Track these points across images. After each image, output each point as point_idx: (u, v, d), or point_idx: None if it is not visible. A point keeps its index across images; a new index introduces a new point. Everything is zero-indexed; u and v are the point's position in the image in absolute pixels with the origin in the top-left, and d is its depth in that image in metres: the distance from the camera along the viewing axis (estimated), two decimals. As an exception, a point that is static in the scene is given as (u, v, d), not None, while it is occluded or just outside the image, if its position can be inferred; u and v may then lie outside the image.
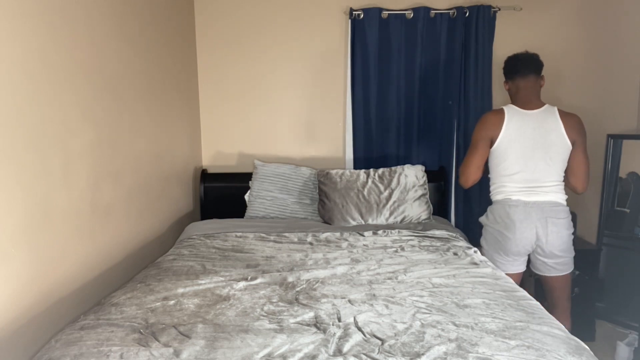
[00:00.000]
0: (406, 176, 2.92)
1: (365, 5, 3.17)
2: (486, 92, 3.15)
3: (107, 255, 2.07)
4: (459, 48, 3.11)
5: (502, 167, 2.23)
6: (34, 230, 1.58)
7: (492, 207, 2.31)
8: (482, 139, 2.23)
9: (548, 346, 1.32)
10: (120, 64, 2.18)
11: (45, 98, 1.64)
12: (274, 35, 3.25)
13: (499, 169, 2.25)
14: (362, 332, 1.42)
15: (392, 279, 1.87)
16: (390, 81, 3.18)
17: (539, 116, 2.19)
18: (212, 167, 3.38)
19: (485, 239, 2.33)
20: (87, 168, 1.90)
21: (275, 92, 3.31)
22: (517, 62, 2.27)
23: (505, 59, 2.35)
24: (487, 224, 2.31)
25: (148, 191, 2.50)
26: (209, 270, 1.98)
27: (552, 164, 2.16)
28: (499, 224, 2.23)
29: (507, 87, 2.34)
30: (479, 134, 2.25)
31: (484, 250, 2.34)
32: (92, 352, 1.30)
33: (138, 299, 1.66)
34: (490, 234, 2.29)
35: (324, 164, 3.29)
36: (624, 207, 2.60)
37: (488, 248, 2.30)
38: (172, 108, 2.83)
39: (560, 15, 3.17)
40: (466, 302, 1.62)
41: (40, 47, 1.62)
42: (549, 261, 2.19)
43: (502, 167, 2.23)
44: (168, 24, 2.78)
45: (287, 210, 3.00)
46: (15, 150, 1.49)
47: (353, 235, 2.53)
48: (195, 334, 1.40)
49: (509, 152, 2.19)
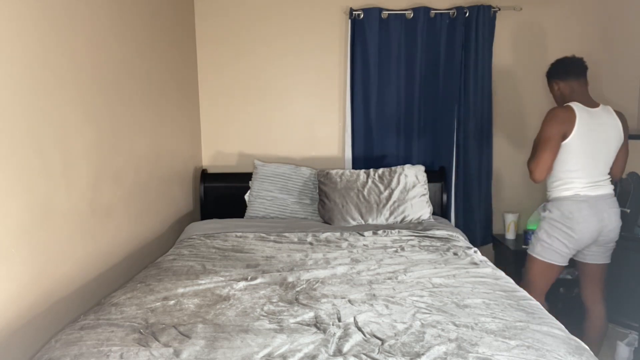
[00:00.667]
0: (406, 176, 2.92)
1: (365, 5, 3.17)
2: (486, 92, 3.15)
3: (107, 255, 2.07)
4: (459, 48, 3.11)
5: (572, 163, 2.27)
6: (34, 230, 1.58)
7: (559, 202, 2.31)
8: (556, 135, 2.24)
9: (548, 346, 1.32)
10: (120, 65, 2.18)
11: (46, 98, 1.64)
12: (273, 36, 3.25)
13: (568, 164, 2.28)
14: (362, 332, 1.42)
15: (392, 279, 1.87)
16: (390, 81, 3.18)
17: (601, 114, 2.29)
18: (212, 167, 3.38)
19: (548, 234, 2.32)
20: (87, 168, 1.90)
21: (275, 92, 3.31)
22: (570, 65, 2.37)
23: (555, 62, 2.42)
24: (555, 219, 2.30)
25: (148, 191, 2.50)
26: (209, 270, 1.98)
27: (610, 158, 2.32)
28: (569, 219, 2.26)
29: (557, 88, 2.39)
30: (554, 129, 2.24)
31: (542, 244, 2.34)
32: (92, 352, 1.30)
33: (138, 299, 1.66)
34: (557, 229, 2.29)
35: (324, 164, 3.29)
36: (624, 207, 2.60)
37: (551, 242, 2.31)
38: (172, 108, 2.83)
39: (560, 15, 3.17)
40: (466, 302, 1.62)
41: (41, 48, 1.62)
42: (602, 249, 2.35)
43: (571, 163, 2.27)
44: (168, 24, 2.78)
45: (287, 210, 3.00)
46: (15, 150, 1.49)
47: (353, 235, 2.53)
48: (195, 334, 1.40)
49: (579, 148, 2.26)
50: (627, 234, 2.50)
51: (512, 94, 3.26)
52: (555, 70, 2.41)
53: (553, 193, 2.36)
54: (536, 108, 3.19)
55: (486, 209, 3.27)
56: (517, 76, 3.25)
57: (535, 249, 2.38)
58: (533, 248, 2.39)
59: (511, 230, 3.17)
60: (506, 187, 3.35)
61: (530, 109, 3.22)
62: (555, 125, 2.24)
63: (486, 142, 3.20)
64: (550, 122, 2.26)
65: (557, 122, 2.24)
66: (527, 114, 3.25)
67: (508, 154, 3.30)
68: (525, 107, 3.24)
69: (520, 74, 3.24)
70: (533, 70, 3.22)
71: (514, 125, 3.28)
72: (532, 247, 2.40)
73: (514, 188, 3.34)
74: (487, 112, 3.17)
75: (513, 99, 3.26)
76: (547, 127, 2.26)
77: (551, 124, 2.26)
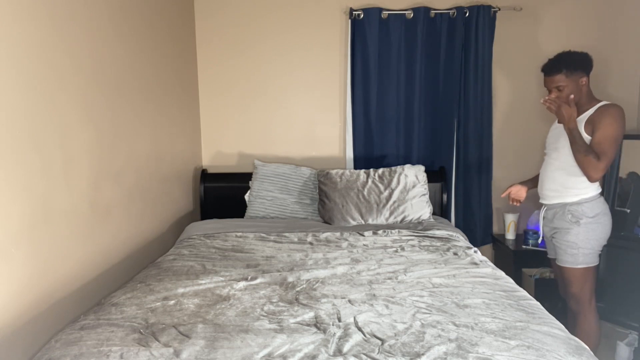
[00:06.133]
0: (406, 176, 2.92)
1: (365, 5, 3.17)
2: (486, 92, 3.15)
3: (107, 255, 2.07)
4: (459, 48, 3.10)
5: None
6: (34, 230, 1.58)
7: (594, 202, 2.19)
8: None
9: (548, 346, 1.32)
10: (121, 65, 2.18)
11: (46, 98, 1.64)
12: (273, 35, 3.25)
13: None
14: (362, 332, 1.42)
15: (392, 279, 1.87)
16: (390, 81, 3.18)
17: None
18: (212, 167, 3.38)
19: (595, 231, 2.19)
20: (87, 168, 1.90)
21: (275, 92, 3.31)
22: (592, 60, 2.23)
23: (587, 56, 2.22)
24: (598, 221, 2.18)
25: (148, 191, 2.50)
26: (209, 270, 1.98)
27: None
28: (606, 215, 2.20)
29: (585, 83, 2.20)
30: (623, 129, 2.12)
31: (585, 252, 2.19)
32: (92, 352, 1.30)
33: (138, 299, 1.66)
34: (603, 226, 2.19)
35: (324, 164, 3.29)
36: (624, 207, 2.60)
37: (597, 240, 2.20)
38: (172, 108, 2.83)
39: (560, 15, 3.17)
40: (466, 302, 1.62)
41: (42, 48, 1.62)
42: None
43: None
44: (169, 24, 2.78)
45: (287, 210, 3.00)
46: (15, 150, 1.49)
47: (353, 235, 2.53)
48: (195, 334, 1.40)
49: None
50: (627, 234, 2.50)
51: (512, 94, 3.26)
52: (589, 63, 2.20)
53: (587, 192, 2.19)
54: (536, 108, 3.19)
55: (486, 209, 3.27)
56: (517, 76, 3.25)
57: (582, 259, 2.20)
58: (576, 260, 2.20)
59: (511, 230, 3.17)
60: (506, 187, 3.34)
61: (531, 108, 3.22)
62: (623, 125, 2.13)
63: (486, 142, 3.19)
64: (621, 121, 2.11)
65: (624, 126, 2.13)
66: (528, 113, 3.24)
67: (508, 154, 3.30)
68: (526, 107, 3.24)
69: (520, 74, 3.24)
70: (533, 70, 3.21)
71: (514, 125, 3.28)
72: (574, 258, 2.21)
73: (514, 188, 3.33)
74: (487, 112, 3.17)
75: (513, 99, 3.26)
76: (619, 126, 2.10)
77: (622, 123, 2.12)
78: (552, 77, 2.20)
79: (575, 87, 2.17)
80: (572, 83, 2.17)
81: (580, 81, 2.17)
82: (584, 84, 2.18)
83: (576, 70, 2.16)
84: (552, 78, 2.19)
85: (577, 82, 2.17)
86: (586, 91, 2.20)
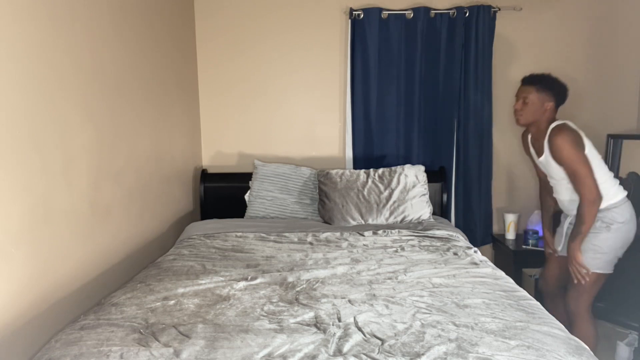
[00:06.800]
0: (406, 176, 2.92)
1: (365, 5, 3.17)
2: (486, 92, 3.15)
3: (107, 255, 2.07)
4: (459, 48, 3.11)
5: (605, 167, 2.25)
6: (34, 230, 1.58)
7: (622, 207, 2.20)
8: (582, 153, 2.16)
9: (548, 346, 1.32)
10: (121, 64, 2.18)
11: (46, 98, 1.64)
12: (273, 36, 3.25)
13: (604, 168, 2.24)
14: (362, 332, 1.42)
15: (392, 279, 1.87)
16: (390, 81, 3.18)
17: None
18: (212, 167, 3.38)
19: (618, 238, 2.19)
20: (87, 168, 1.90)
21: (275, 92, 3.31)
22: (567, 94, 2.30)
23: (564, 88, 2.28)
24: (624, 222, 2.19)
25: (148, 191, 2.50)
26: (209, 270, 1.98)
27: None
28: (634, 222, 2.20)
29: (548, 108, 2.26)
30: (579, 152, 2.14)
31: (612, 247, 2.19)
32: (92, 352, 1.30)
33: (138, 299, 1.66)
34: (629, 232, 2.20)
35: (324, 164, 3.29)
36: (624, 207, 2.60)
37: (622, 247, 2.20)
38: (172, 108, 2.83)
39: (560, 15, 3.17)
40: (466, 302, 1.62)
41: (42, 48, 1.62)
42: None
43: (605, 168, 2.25)
44: (169, 24, 2.78)
45: (287, 210, 3.00)
46: (15, 150, 1.49)
47: (353, 235, 2.53)
48: (195, 334, 1.40)
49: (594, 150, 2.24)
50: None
51: (512, 94, 3.25)
52: (562, 94, 2.28)
53: (614, 197, 2.20)
54: (536, 108, 3.19)
55: (486, 209, 3.27)
56: (517, 76, 3.24)
57: (602, 264, 2.20)
58: (596, 264, 2.19)
59: (511, 230, 3.18)
60: (506, 187, 3.35)
61: (530, 109, 3.21)
62: (572, 138, 2.15)
63: (486, 142, 3.20)
64: (568, 138, 2.14)
65: (575, 143, 2.15)
66: (527, 114, 3.24)
67: (508, 153, 3.30)
68: (525, 107, 3.24)
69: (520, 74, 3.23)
70: (533, 71, 3.20)
71: (514, 125, 3.26)
72: (594, 262, 2.19)
73: (514, 188, 3.34)
74: (487, 112, 3.17)
75: (513, 99, 3.24)
76: (570, 145, 2.13)
77: (569, 139, 2.14)
78: (524, 87, 2.33)
79: (540, 106, 2.26)
80: (538, 101, 2.26)
81: (546, 104, 2.26)
82: (547, 109, 2.26)
83: (547, 91, 2.26)
84: (524, 87, 2.32)
85: (543, 103, 2.26)
86: (549, 116, 2.28)
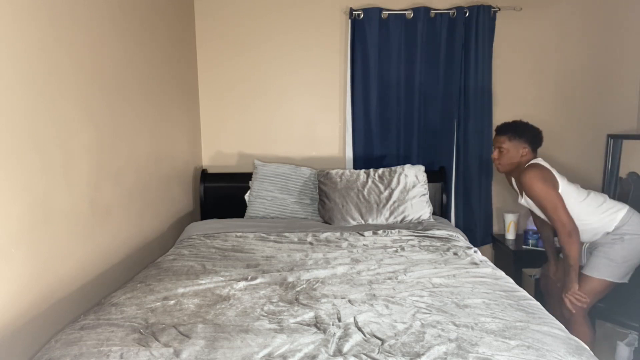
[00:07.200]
0: (406, 176, 2.92)
1: (365, 5, 3.17)
2: (486, 92, 3.15)
3: (107, 255, 2.07)
4: (459, 48, 3.11)
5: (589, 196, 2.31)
6: (34, 230, 1.58)
7: (634, 216, 2.24)
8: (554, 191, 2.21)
9: (548, 346, 1.32)
10: (121, 64, 2.19)
11: (46, 98, 1.64)
12: (273, 36, 3.25)
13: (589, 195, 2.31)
14: (362, 332, 1.42)
15: (392, 279, 1.87)
16: (390, 81, 3.18)
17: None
18: (212, 167, 3.38)
19: (633, 249, 2.22)
20: (87, 168, 1.90)
21: (275, 92, 3.31)
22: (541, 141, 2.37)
23: (538, 133, 2.35)
24: (637, 234, 2.22)
25: (148, 191, 2.50)
26: (209, 270, 1.98)
27: None
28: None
29: (524, 154, 2.32)
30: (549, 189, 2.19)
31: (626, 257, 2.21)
32: (92, 352, 1.30)
33: (138, 299, 1.66)
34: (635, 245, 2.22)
35: (324, 164, 3.29)
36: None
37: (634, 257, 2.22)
38: (172, 108, 2.83)
39: (560, 15, 3.17)
40: (466, 302, 1.62)
41: (42, 47, 1.62)
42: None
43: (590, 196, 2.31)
44: (169, 24, 2.78)
45: (287, 210, 3.00)
46: (15, 150, 1.49)
47: (353, 235, 2.53)
48: (195, 334, 1.40)
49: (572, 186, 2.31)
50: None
51: (512, 94, 3.26)
52: (536, 139, 2.34)
53: (618, 215, 2.24)
54: (536, 108, 3.19)
55: (486, 209, 3.27)
56: (517, 76, 3.25)
57: (615, 272, 2.22)
58: (608, 272, 2.22)
59: (511, 230, 3.18)
60: (506, 187, 3.34)
61: (531, 109, 3.22)
62: (541, 177, 2.20)
63: (486, 142, 3.19)
64: (537, 179, 2.19)
65: (543, 179, 2.20)
66: (528, 114, 3.24)
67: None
68: (526, 107, 3.24)
69: (520, 74, 3.24)
70: (533, 70, 3.22)
71: (514, 125, 3.28)
72: (606, 269, 2.22)
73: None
74: (487, 112, 3.17)
75: (513, 99, 3.26)
76: (540, 184, 2.19)
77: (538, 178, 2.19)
78: (498, 137, 2.38)
79: (516, 153, 2.33)
80: (513, 149, 2.33)
81: (521, 150, 2.33)
82: (524, 155, 2.33)
83: (520, 138, 2.32)
84: (498, 137, 2.38)
85: (518, 150, 2.33)
86: (527, 159, 2.33)
